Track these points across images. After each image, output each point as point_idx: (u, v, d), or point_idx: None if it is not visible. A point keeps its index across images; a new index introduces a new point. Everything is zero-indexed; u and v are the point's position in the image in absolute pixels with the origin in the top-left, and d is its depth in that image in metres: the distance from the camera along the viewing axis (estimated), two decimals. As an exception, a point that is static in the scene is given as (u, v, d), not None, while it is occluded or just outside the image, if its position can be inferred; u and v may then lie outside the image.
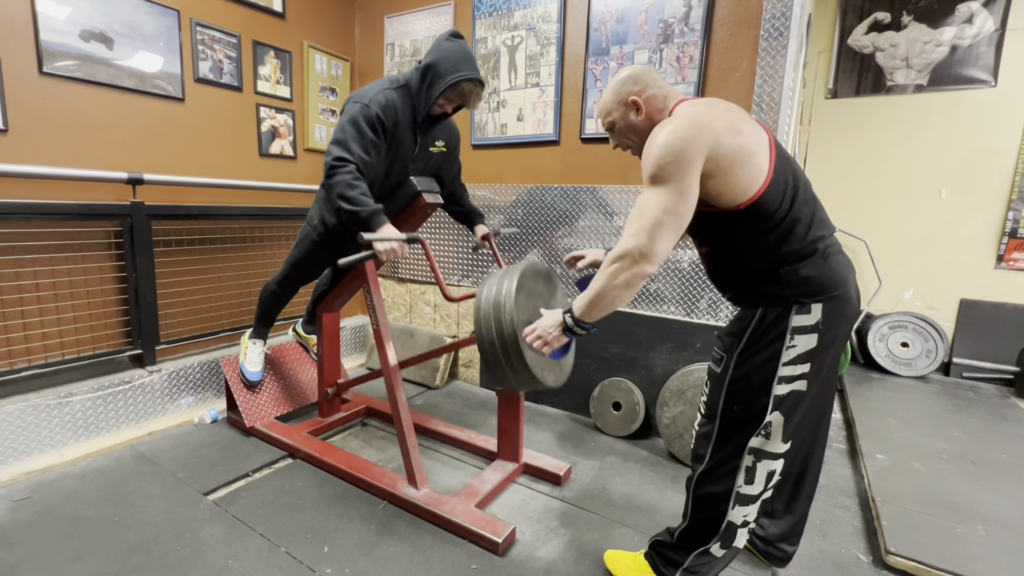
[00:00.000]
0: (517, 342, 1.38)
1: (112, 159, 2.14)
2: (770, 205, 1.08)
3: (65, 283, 2.03)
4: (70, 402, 1.97)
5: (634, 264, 1.06)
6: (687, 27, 2.12)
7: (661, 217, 1.04)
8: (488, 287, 1.48)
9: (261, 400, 2.29)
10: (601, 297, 1.11)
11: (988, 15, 3.12)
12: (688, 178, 1.04)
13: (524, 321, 1.42)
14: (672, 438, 2.07)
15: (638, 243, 1.06)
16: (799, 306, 1.11)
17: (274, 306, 2.24)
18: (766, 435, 1.17)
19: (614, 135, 1.29)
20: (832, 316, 1.12)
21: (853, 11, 3.47)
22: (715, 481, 1.22)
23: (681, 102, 1.18)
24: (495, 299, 1.43)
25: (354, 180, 1.62)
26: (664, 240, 1.05)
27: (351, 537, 1.57)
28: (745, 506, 1.21)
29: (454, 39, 1.70)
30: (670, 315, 2.27)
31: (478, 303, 1.46)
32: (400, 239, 1.62)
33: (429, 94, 1.69)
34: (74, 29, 1.98)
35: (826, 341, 1.13)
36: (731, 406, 1.19)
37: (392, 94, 1.71)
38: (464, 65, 1.67)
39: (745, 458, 1.18)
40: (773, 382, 1.13)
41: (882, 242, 3.43)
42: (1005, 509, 1.74)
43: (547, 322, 1.23)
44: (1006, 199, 3.16)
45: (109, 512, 1.64)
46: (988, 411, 2.68)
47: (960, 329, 3.29)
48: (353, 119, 1.65)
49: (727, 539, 1.24)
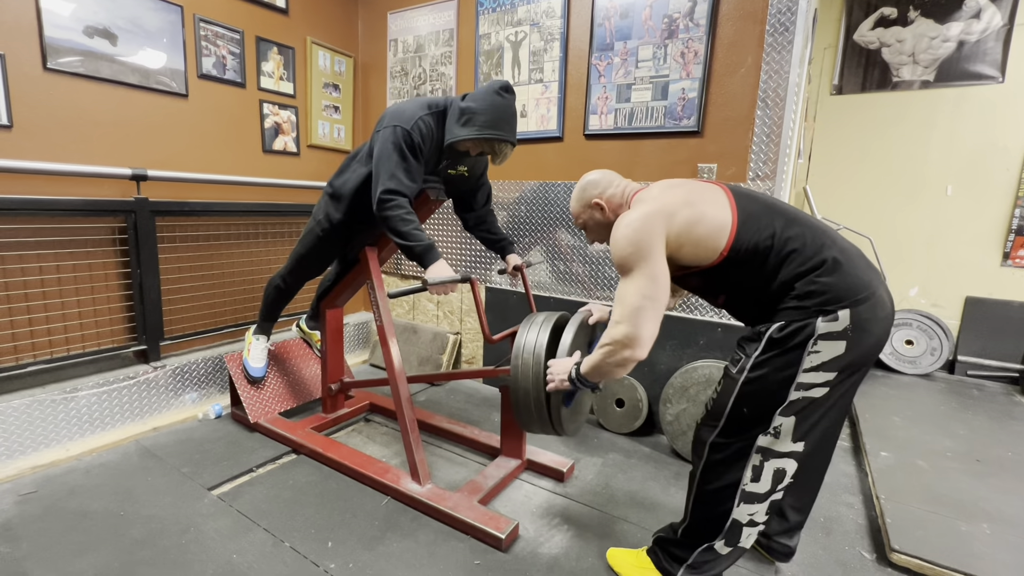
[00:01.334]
0: (543, 396, 1.47)
1: (116, 155, 2.14)
2: (749, 243, 1.14)
3: (70, 279, 2.04)
4: (75, 397, 1.98)
5: (623, 349, 1.17)
6: (692, 22, 2.10)
7: (639, 303, 1.14)
8: (528, 335, 1.55)
9: (265, 396, 2.30)
10: (598, 369, 1.25)
11: (996, 10, 3.09)
12: (652, 262, 1.14)
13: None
14: (675, 435, 2.07)
15: (624, 331, 1.16)
16: (824, 315, 1.08)
17: (278, 301, 2.24)
18: (775, 435, 1.16)
19: (588, 233, 1.44)
20: (862, 321, 1.08)
21: (859, 6, 3.44)
22: (718, 478, 1.22)
23: (638, 192, 1.31)
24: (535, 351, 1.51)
25: (407, 215, 1.62)
26: (647, 324, 1.15)
27: (355, 532, 1.57)
28: (751, 504, 1.20)
29: (503, 95, 1.66)
30: (673, 312, 2.26)
31: (518, 349, 1.53)
32: (455, 280, 1.61)
33: (459, 134, 1.67)
34: (78, 25, 1.98)
35: (857, 347, 1.09)
36: (740, 408, 1.18)
37: (430, 120, 1.70)
38: (504, 125, 1.66)
39: (752, 456, 1.18)
40: (790, 388, 1.12)
41: (887, 239, 3.41)
42: (1010, 507, 1.73)
43: (561, 367, 1.38)
44: (1013, 196, 3.13)
45: (114, 506, 1.65)
46: (993, 409, 2.66)
47: (965, 327, 3.27)
48: (398, 145, 1.64)
49: (732, 537, 1.23)
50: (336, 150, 3.10)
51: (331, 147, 3.07)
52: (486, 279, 2.82)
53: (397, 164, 1.63)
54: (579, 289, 2.52)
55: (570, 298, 2.53)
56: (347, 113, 3.14)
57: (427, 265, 1.63)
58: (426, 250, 1.63)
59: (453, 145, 1.70)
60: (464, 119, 1.66)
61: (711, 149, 2.13)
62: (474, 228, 2.09)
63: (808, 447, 1.18)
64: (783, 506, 1.40)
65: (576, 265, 2.51)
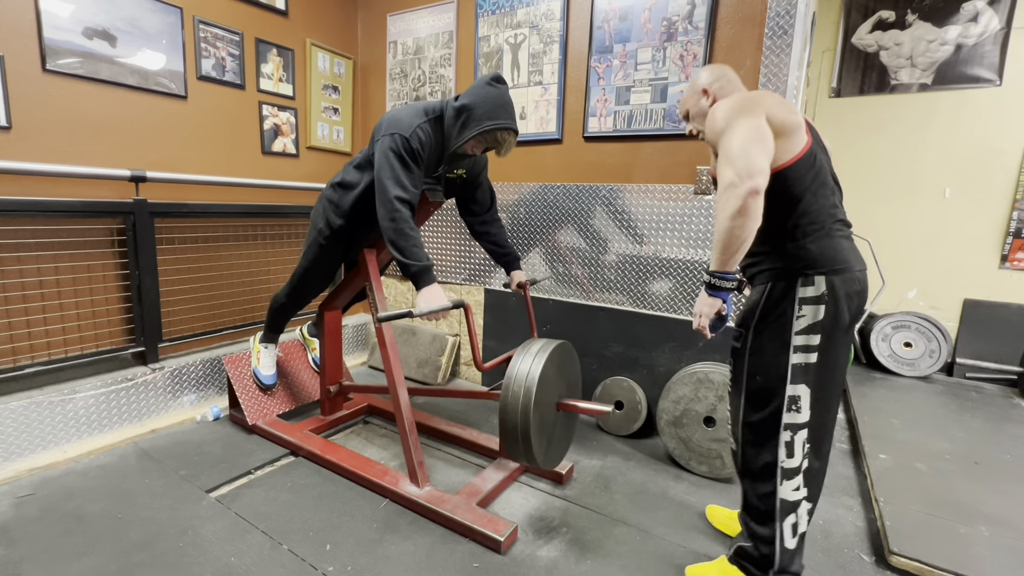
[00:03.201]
0: (530, 430, 1.47)
1: (115, 156, 2.14)
2: (795, 176, 1.17)
3: (68, 280, 2.04)
4: (73, 399, 1.97)
5: (736, 186, 1.06)
6: (691, 25, 2.11)
7: (746, 136, 1.10)
8: (522, 364, 1.54)
9: (263, 398, 2.29)
10: (726, 235, 1.09)
11: (993, 14, 3.10)
12: (755, 116, 1.13)
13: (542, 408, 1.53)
14: (672, 438, 2.06)
15: (735, 170, 1.08)
16: (804, 277, 1.19)
17: (283, 317, 2.24)
18: (796, 409, 1.22)
19: (690, 121, 1.43)
20: (836, 291, 1.18)
21: (857, 9, 3.45)
22: (756, 456, 1.27)
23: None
24: (527, 381, 1.51)
25: (410, 230, 1.61)
26: (758, 154, 1.08)
27: (353, 535, 1.57)
28: (791, 479, 1.25)
29: (495, 84, 1.67)
30: (672, 314, 2.27)
31: (510, 377, 1.53)
32: (446, 307, 1.60)
33: (461, 135, 1.67)
34: (77, 27, 1.98)
35: (834, 315, 1.18)
36: (754, 376, 1.26)
37: (427, 127, 1.69)
38: (501, 113, 1.65)
39: (783, 434, 1.24)
40: (789, 351, 1.20)
41: (886, 242, 3.41)
42: (1009, 510, 1.74)
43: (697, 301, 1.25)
44: (1011, 199, 3.14)
45: (112, 509, 1.64)
46: (992, 411, 2.67)
47: (963, 329, 3.27)
48: (398, 153, 1.63)
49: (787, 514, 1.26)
50: (335, 152, 3.10)
51: (330, 149, 3.07)
52: (486, 281, 2.82)
53: (401, 171, 1.63)
54: (578, 292, 2.52)
55: (570, 300, 2.53)
56: (346, 115, 3.14)
57: (420, 287, 1.62)
58: (422, 272, 1.61)
59: (459, 151, 1.70)
60: (463, 119, 1.66)
61: (710, 152, 2.13)
62: (481, 238, 2.08)
63: (815, 421, 1.25)
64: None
65: (576, 267, 2.52)
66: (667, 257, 2.26)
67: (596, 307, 2.46)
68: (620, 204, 2.36)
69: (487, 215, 2.06)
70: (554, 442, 1.65)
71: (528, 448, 1.50)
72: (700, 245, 2.18)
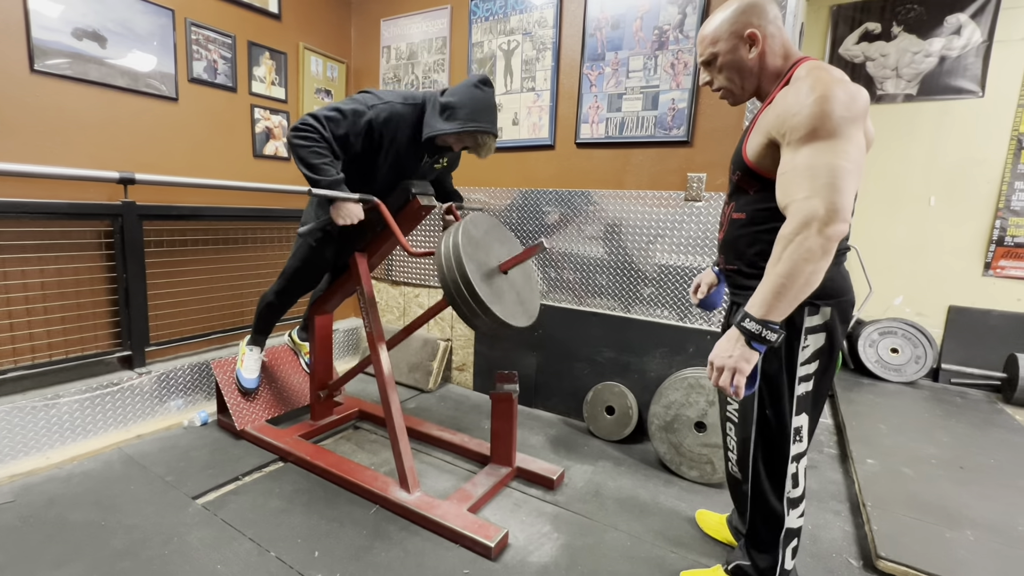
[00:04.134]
0: (471, 283, 1.49)
1: (104, 158, 2.12)
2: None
3: (54, 283, 2.00)
4: (57, 404, 1.94)
5: (824, 227, 0.90)
6: (682, 34, 2.14)
7: (844, 165, 0.91)
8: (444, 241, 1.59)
9: (252, 403, 2.27)
10: (792, 278, 0.92)
11: (976, 27, 3.17)
12: (859, 134, 0.94)
13: (478, 262, 1.57)
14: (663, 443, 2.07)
15: (827, 203, 0.90)
16: (811, 307, 1.11)
17: (271, 316, 2.22)
18: (800, 439, 1.20)
19: (713, 70, 1.17)
20: (836, 319, 1.15)
21: (844, 21, 3.52)
22: (770, 491, 1.25)
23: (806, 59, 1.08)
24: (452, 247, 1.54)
25: (321, 148, 1.63)
26: (849, 193, 0.91)
27: (342, 542, 1.55)
28: (796, 508, 1.25)
29: (483, 87, 1.69)
30: (664, 320, 2.28)
31: (438, 256, 1.58)
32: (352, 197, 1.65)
33: (440, 127, 1.68)
34: (66, 27, 1.96)
35: (832, 343, 1.16)
36: (764, 409, 1.19)
37: (401, 109, 1.71)
38: (484, 116, 1.67)
39: (791, 466, 1.21)
40: (795, 381, 1.16)
41: (872, 249, 3.46)
42: (993, 514, 1.76)
43: (722, 349, 1.01)
44: (993, 208, 3.21)
45: (95, 516, 1.61)
46: (976, 417, 2.70)
47: (949, 335, 3.32)
48: (352, 109, 1.66)
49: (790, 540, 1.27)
50: (327, 155, 3.09)
51: (322, 152, 3.06)
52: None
53: (336, 117, 1.64)
54: (570, 296, 2.53)
55: (561, 305, 2.54)
56: (339, 119, 3.14)
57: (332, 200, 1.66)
58: (332, 185, 1.63)
59: (434, 139, 1.71)
60: (446, 114, 1.67)
61: (700, 159, 2.16)
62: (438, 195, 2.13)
63: (810, 442, 1.25)
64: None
65: (567, 272, 2.52)
66: (658, 263, 2.27)
67: (588, 312, 2.46)
68: (611, 210, 2.37)
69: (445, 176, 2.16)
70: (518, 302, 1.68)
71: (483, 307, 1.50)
72: (691, 251, 2.19)
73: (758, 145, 1.09)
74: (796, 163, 0.96)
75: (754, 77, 1.14)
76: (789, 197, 0.97)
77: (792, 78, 1.06)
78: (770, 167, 1.07)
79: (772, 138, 1.04)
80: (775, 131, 1.03)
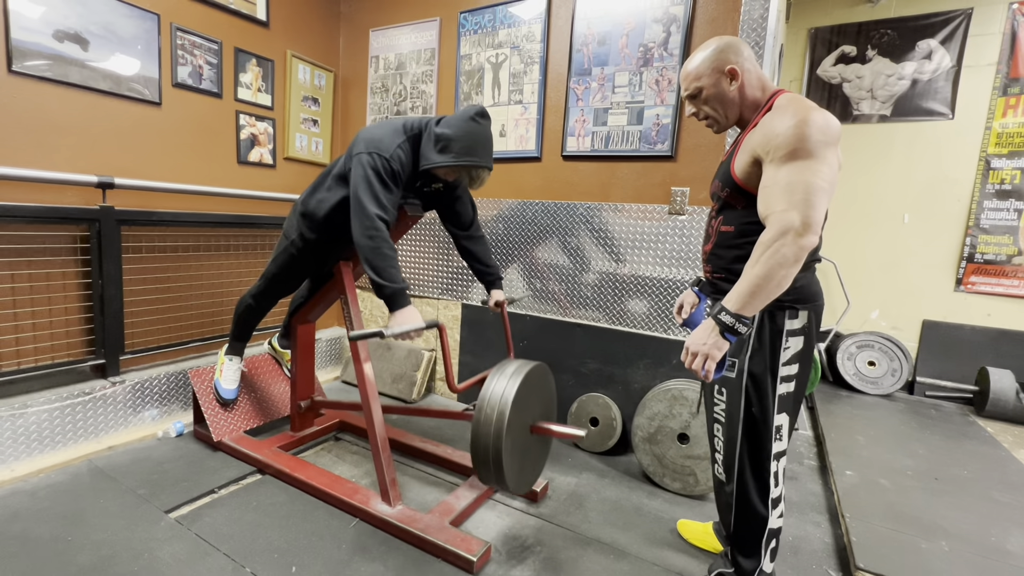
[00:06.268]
0: (501, 448, 1.44)
1: (83, 162, 2.08)
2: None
3: (25, 288, 1.94)
4: (24, 414, 1.87)
5: (798, 237, 1.02)
6: (666, 51, 2.19)
7: (819, 183, 1.03)
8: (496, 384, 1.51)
9: (230, 413, 2.22)
10: (767, 279, 1.03)
11: (945, 52, 3.31)
12: (831, 156, 1.07)
13: (518, 426, 1.52)
14: (646, 455, 2.08)
15: (803, 216, 1.02)
16: (790, 311, 1.21)
17: (249, 320, 2.18)
18: (780, 438, 1.27)
19: (699, 103, 1.28)
20: (811, 324, 1.24)
21: (822, 43, 3.64)
22: (753, 491, 1.30)
23: (783, 91, 1.22)
24: (500, 403, 1.47)
25: (388, 250, 1.59)
26: (821, 209, 1.03)
27: (321, 556, 1.52)
28: (776, 508, 1.31)
29: (479, 119, 1.67)
30: (647, 331, 2.30)
31: (483, 398, 1.50)
32: (420, 327, 1.55)
33: (435, 160, 1.67)
34: (47, 28, 1.93)
35: (809, 345, 1.25)
36: (750, 408, 1.27)
37: (407, 147, 1.70)
38: (479, 151, 1.67)
39: (772, 464, 1.28)
40: (777, 381, 1.24)
41: (850, 264, 3.55)
42: (967, 524, 1.79)
43: (697, 336, 1.11)
44: (964, 225, 3.32)
45: (62, 531, 1.55)
46: (950, 429, 2.77)
47: (923, 349, 3.41)
48: (378, 173, 1.62)
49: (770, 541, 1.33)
50: (314, 163, 3.07)
51: (309, 160, 3.04)
52: (463, 296, 2.81)
53: (380, 189, 1.62)
54: (555, 308, 2.54)
55: (546, 316, 2.55)
56: (326, 127, 3.13)
57: (394, 309, 1.60)
58: (397, 294, 1.59)
59: (429, 171, 1.71)
60: (440, 146, 1.66)
61: (684, 174, 2.20)
62: (465, 254, 2.07)
63: (789, 442, 1.32)
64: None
65: (552, 283, 2.53)
66: (643, 275, 2.30)
67: (573, 323, 2.47)
68: (597, 222, 2.40)
69: (471, 230, 2.06)
70: (527, 465, 1.63)
71: (500, 472, 1.46)
72: (674, 264, 2.22)
73: (745, 164, 1.19)
74: (777, 179, 1.08)
75: (736, 107, 1.26)
76: (769, 208, 1.08)
77: (774, 105, 1.19)
78: (756, 184, 1.17)
79: (757, 156, 1.15)
80: (760, 149, 1.14)
